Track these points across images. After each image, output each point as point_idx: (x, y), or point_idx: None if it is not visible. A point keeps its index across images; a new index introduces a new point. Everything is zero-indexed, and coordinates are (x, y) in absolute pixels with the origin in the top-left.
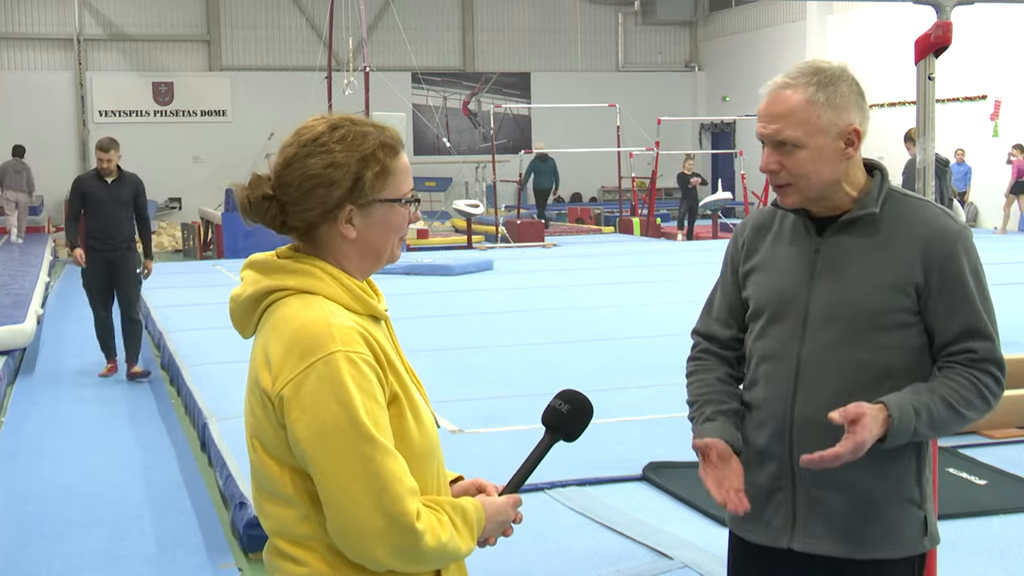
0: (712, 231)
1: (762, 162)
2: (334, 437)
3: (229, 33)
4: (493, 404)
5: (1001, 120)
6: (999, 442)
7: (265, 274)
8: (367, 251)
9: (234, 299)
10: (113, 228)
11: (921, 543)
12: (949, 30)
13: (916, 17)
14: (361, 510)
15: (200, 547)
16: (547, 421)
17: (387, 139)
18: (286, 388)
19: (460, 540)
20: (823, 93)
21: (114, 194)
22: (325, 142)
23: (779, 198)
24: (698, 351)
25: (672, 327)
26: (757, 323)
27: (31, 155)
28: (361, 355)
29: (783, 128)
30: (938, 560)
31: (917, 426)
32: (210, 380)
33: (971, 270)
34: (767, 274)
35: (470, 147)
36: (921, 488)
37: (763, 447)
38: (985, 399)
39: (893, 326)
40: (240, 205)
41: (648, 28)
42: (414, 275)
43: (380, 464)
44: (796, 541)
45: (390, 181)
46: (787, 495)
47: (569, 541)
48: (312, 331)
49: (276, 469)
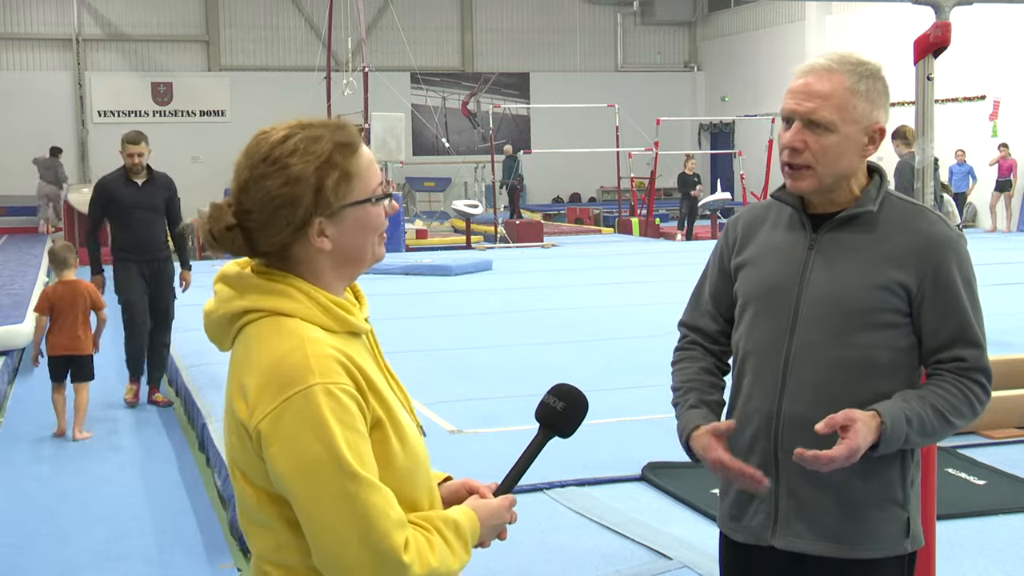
0: (711, 231)
1: (786, 138)
2: (316, 475)
3: (228, 33)
4: (492, 404)
5: (1000, 120)
6: (998, 442)
7: (239, 292)
8: (346, 258)
9: (207, 315)
10: (149, 237)
11: (902, 544)
12: (948, 30)
13: (915, 17)
14: (347, 548)
15: (199, 547)
16: (541, 418)
17: (342, 138)
18: (263, 422)
19: (452, 558)
20: (864, 84)
21: (147, 197)
22: (277, 158)
23: (790, 181)
24: (685, 342)
25: (671, 327)
26: (745, 315)
27: (29, 155)
28: (341, 386)
29: (820, 108)
30: (936, 560)
31: (908, 434)
32: (209, 380)
33: (963, 279)
34: (759, 266)
35: (469, 147)
36: (905, 490)
37: (748, 442)
38: (973, 407)
39: (883, 325)
40: (205, 240)
41: (647, 28)
42: (413, 275)
43: (364, 501)
44: (777, 539)
45: (355, 183)
46: (770, 492)
47: (568, 541)
48: (290, 363)
49: (255, 496)
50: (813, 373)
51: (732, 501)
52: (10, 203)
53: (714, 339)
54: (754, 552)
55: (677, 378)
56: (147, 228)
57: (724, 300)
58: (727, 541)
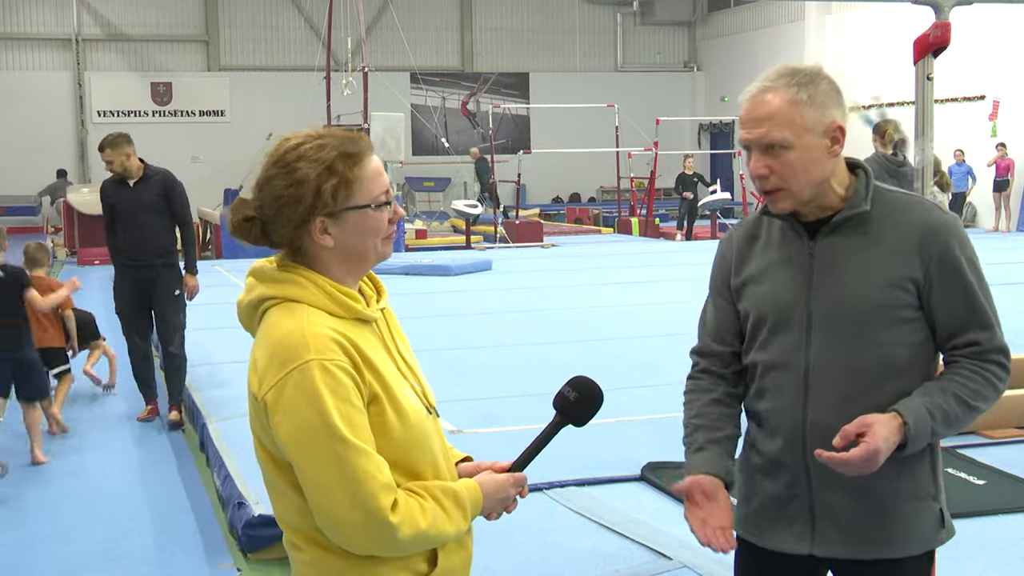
0: (711, 231)
1: (751, 168)
2: (311, 440)
3: (228, 33)
4: (492, 404)
5: (999, 120)
6: (997, 442)
7: (261, 282)
8: (349, 256)
9: (238, 304)
10: (141, 241)
11: (937, 537)
12: (948, 30)
13: (915, 17)
14: (339, 506)
15: (198, 547)
16: (557, 406)
17: (348, 149)
18: (268, 393)
19: (447, 523)
20: (805, 92)
21: (137, 198)
22: (288, 161)
23: (771, 205)
24: (696, 371)
25: (671, 327)
26: (759, 334)
27: (28, 155)
28: (335, 361)
29: (770, 130)
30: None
31: (934, 427)
32: (209, 380)
33: (967, 259)
34: (763, 284)
35: (469, 147)
36: (936, 481)
37: (775, 457)
38: (995, 387)
39: (896, 322)
40: (229, 229)
41: (647, 28)
42: (413, 275)
43: (354, 463)
44: (816, 547)
45: (356, 189)
46: (804, 503)
47: (568, 541)
48: (290, 341)
49: (271, 463)
50: (834, 380)
51: (757, 509)
52: (9, 203)
53: (725, 362)
54: (785, 559)
55: (686, 414)
56: (139, 231)
57: (730, 321)
58: (748, 546)
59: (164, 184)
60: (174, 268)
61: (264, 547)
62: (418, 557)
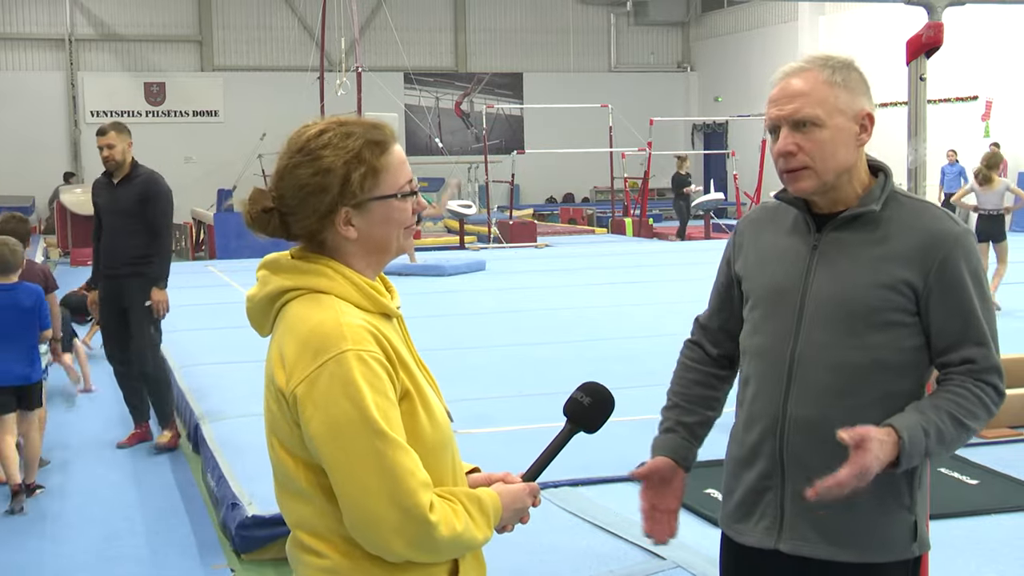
0: (704, 232)
1: (778, 146)
2: (347, 433)
3: (221, 33)
4: (486, 404)
5: (992, 120)
6: (990, 442)
7: (279, 274)
8: (372, 247)
9: (250, 299)
10: (113, 247)
11: (909, 548)
12: (940, 31)
13: (907, 18)
14: (376, 504)
15: (192, 548)
16: (568, 412)
17: (374, 136)
18: (300, 386)
19: (476, 529)
20: (840, 75)
21: (116, 200)
22: (312, 149)
23: (791, 184)
24: (690, 340)
25: (664, 327)
26: (752, 317)
27: (23, 155)
28: (372, 353)
29: (803, 106)
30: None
31: (928, 445)
32: (202, 381)
33: (970, 273)
34: (764, 268)
35: (462, 147)
36: (912, 493)
37: (754, 445)
38: (988, 409)
39: (888, 325)
40: (245, 221)
41: (640, 29)
42: (406, 275)
43: (392, 459)
44: (783, 542)
45: (382, 178)
46: (775, 495)
47: (562, 541)
48: (324, 330)
49: (292, 464)
50: (818, 374)
51: (736, 503)
52: (3, 203)
53: (717, 341)
54: (758, 555)
55: (672, 384)
56: (113, 237)
57: (729, 301)
58: (730, 543)
59: (145, 187)
60: (143, 277)
61: (258, 548)
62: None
